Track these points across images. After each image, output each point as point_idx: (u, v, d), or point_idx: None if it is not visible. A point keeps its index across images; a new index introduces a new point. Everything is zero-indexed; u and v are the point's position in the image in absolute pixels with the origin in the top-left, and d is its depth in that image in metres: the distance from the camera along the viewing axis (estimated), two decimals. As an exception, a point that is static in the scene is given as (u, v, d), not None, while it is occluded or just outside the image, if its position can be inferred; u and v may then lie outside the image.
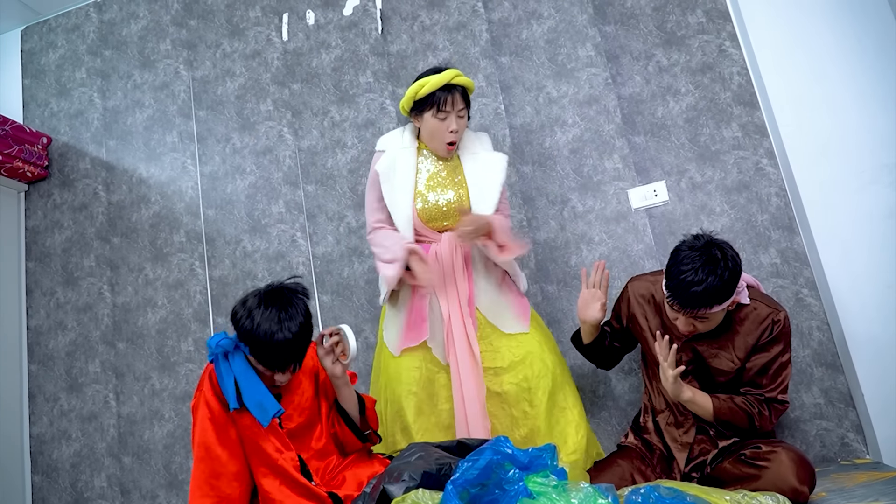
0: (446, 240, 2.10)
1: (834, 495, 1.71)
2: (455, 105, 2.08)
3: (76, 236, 3.23)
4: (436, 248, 2.10)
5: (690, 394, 1.82)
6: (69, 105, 3.41)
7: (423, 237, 2.14)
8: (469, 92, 2.15)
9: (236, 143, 3.09)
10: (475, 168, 2.16)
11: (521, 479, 1.33)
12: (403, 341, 2.10)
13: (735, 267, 1.72)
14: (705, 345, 1.86)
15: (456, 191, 2.14)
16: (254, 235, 2.97)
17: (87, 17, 3.49)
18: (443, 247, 2.10)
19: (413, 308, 2.11)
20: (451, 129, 2.08)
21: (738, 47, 2.59)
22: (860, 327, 2.21)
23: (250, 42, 3.18)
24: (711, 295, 1.69)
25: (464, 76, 2.12)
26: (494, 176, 2.14)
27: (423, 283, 2.03)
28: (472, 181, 2.14)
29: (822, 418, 2.26)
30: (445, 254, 2.09)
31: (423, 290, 2.10)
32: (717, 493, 1.50)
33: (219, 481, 1.63)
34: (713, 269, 1.68)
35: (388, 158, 2.17)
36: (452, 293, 2.07)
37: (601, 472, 1.88)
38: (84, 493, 2.90)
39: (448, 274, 2.08)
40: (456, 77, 2.08)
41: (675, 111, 2.62)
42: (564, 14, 2.80)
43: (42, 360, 3.13)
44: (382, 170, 2.16)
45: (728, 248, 1.75)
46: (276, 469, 1.64)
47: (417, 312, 2.10)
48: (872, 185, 2.27)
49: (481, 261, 2.15)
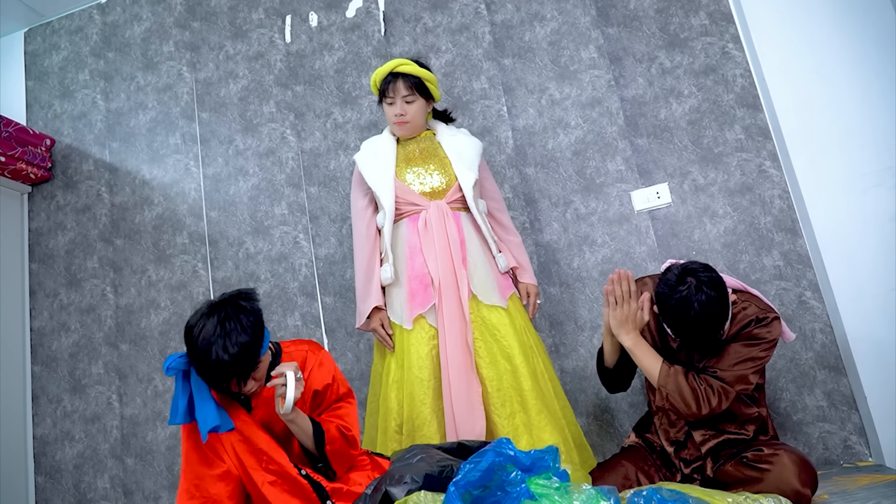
0: (434, 207, 2.16)
1: (836, 498, 1.71)
2: (398, 92, 2.21)
3: (79, 238, 3.23)
4: (425, 214, 2.16)
5: (632, 342, 1.81)
6: (72, 107, 3.42)
7: (410, 205, 2.19)
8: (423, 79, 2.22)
9: (239, 145, 3.10)
10: (454, 143, 2.28)
11: (524, 480, 1.34)
12: (411, 309, 2.11)
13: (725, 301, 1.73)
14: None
15: (438, 163, 2.24)
16: (256, 237, 2.98)
17: (90, 19, 3.50)
18: (431, 213, 2.16)
19: (413, 275, 2.14)
20: (396, 113, 2.23)
21: (741, 49, 2.59)
22: (863, 330, 2.21)
23: (253, 44, 3.18)
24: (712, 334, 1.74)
25: (409, 64, 2.21)
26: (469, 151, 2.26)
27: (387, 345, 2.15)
28: (452, 153, 2.25)
29: (824, 421, 2.26)
30: (435, 219, 2.14)
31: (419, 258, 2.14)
32: (719, 496, 1.50)
33: (203, 482, 1.64)
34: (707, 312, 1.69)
35: (367, 151, 2.31)
36: (444, 258, 2.10)
37: (604, 474, 1.88)
38: (87, 495, 2.91)
39: (439, 237, 2.12)
40: (397, 66, 2.21)
41: (677, 113, 2.62)
42: (567, 16, 2.80)
43: (45, 362, 3.13)
44: (361, 159, 2.29)
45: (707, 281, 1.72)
46: (268, 467, 1.64)
47: (420, 279, 2.12)
48: (875, 187, 2.27)
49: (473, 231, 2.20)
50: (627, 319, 1.82)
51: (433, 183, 2.21)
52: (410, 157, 2.26)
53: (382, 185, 2.20)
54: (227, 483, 1.65)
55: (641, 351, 1.82)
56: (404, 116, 2.23)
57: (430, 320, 2.09)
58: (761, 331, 1.76)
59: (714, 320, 1.70)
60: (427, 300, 2.10)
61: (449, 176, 2.22)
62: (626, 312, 1.82)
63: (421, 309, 2.09)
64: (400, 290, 2.16)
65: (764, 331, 1.76)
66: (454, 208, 2.19)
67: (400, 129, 2.27)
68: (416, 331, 2.09)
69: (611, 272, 2.54)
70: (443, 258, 2.10)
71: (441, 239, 2.12)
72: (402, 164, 2.24)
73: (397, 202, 2.18)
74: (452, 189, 2.20)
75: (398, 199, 2.18)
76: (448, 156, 2.25)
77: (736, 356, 1.75)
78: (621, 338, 1.83)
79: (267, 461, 1.64)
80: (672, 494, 1.38)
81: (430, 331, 2.08)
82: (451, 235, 2.12)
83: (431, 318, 2.09)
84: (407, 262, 2.16)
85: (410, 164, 2.24)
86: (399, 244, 2.19)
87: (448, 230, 2.13)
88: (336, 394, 1.81)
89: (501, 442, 1.39)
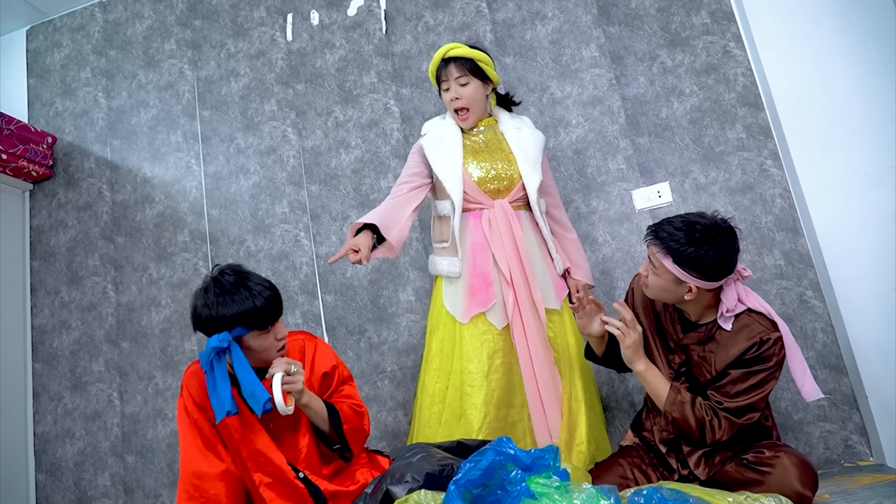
0: (499, 206, 2.14)
1: (837, 497, 1.71)
2: (451, 75, 2.18)
3: (80, 236, 3.23)
4: (488, 214, 2.14)
5: (644, 367, 1.81)
6: (74, 105, 3.43)
7: (474, 202, 2.17)
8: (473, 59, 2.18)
9: (240, 143, 3.10)
10: (518, 137, 2.23)
11: (524, 479, 1.33)
12: (470, 306, 2.10)
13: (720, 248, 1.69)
14: (695, 350, 1.84)
15: (504, 158, 2.20)
16: (257, 235, 2.98)
17: (92, 17, 3.50)
18: (496, 213, 2.14)
19: (476, 272, 2.13)
20: (452, 98, 2.19)
21: (742, 48, 2.58)
22: (864, 329, 2.21)
23: (255, 42, 3.18)
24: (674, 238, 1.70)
25: (459, 47, 2.19)
26: (533, 149, 2.22)
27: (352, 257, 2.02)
28: (517, 150, 2.21)
29: (825, 420, 2.26)
30: (501, 220, 2.13)
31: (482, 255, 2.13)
32: (719, 495, 1.50)
33: (202, 482, 1.64)
34: (700, 227, 1.70)
35: (434, 134, 2.26)
36: (514, 259, 2.09)
37: (603, 473, 1.88)
38: (87, 492, 2.91)
39: (507, 241, 2.11)
40: (448, 52, 2.19)
41: (679, 112, 2.62)
42: (569, 15, 2.80)
43: (46, 359, 3.14)
44: (428, 142, 2.24)
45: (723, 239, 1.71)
46: (265, 469, 1.65)
47: (483, 277, 2.12)
48: (876, 186, 2.27)
49: (532, 232, 2.20)
50: (638, 346, 1.81)
51: (499, 179, 2.17)
52: (476, 148, 2.22)
53: (451, 177, 2.15)
54: (226, 483, 1.65)
55: (651, 376, 1.82)
56: (460, 100, 2.18)
57: (491, 318, 2.08)
58: (767, 352, 1.71)
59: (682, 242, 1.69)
60: (489, 299, 2.09)
61: (514, 172, 2.18)
62: (635, 339, 1.81)
63: (481, 307, 2.09)
64: (460, 283, 2.15)
65: (769, 352, 1.71)
66: (515, 207, 2.18)
67: (463, 120, 2.22)
68: (471, 325, 2.09)
69: (612, 270, 2.54)
70: (513, 259, 2.09)
71: (508, 240, 2.11)
72: (469, 156, 2.20)
73: (464, 197, 2.15)
74: (517, 188, 2.18)
75: (465, 193, 2.15)
76: (513, 151, 2.20)
77: (742, 383, 1.72)
78: (635, 365, 1.81)
79: (265, 463, 1.64)
80: (672, 494, 1.38)
81: (489, 330, 2.08)
82: (517, 235, 2.11)
83: (492, 317, 2.09)
84: (469, 259, 2.14)
85: (476, 157, 2.20)
86: (461, 239, 2.17)
87: (514, 233, 2.12)
88: (341, 376, 1.84)
89: (501, 441, 1.39)
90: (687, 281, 1.71)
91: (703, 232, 1.69)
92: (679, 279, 1.72)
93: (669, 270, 1.72)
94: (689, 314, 1.85)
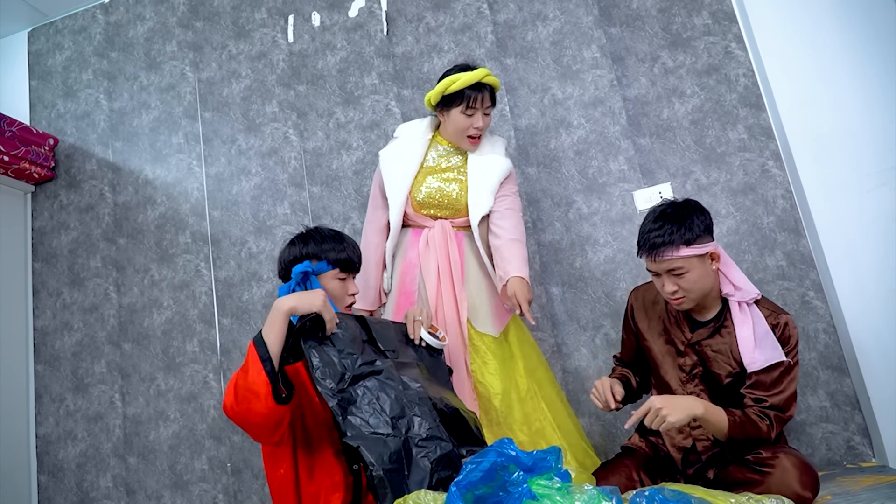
0: (439, 226, 2.13)
1: (839, 499, 1.71)
2: (483, 103, 2.12)
3: (82, 237, 3.24)
4: (427, 233, 2.14)
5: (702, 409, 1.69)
6: (76, 106, 3.43)
7: (413, 222, 2.18)
8: (495, 90, 2.17)
9: (242, 145, 3.10)
10: (477, 168, 2.17)
11: (526, 481, 1.33)
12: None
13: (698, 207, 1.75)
14: (707, 346, 1.84)
15: (458, 186, 2.16)
16: (259, 237, 2.98)
17: (93, 19, 3.50)
18: (435, 232, 2.13)
19: (402, 290, 2.13)
20: (476, 126, 2.12)
21: (744, 49, 2.58)
22: (866, 330, 2.20)
23: (256, 44, 3.19)
24: (672, 231, 1.70)
25: (493, 76, 2.14)
26: (492, 177, 2.15)
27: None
28: (473, 180, 2.15)
29: (827, 421, 2.25)
30: (438, 239, 2.12)
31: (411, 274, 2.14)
32: (721, 496, 1.49)
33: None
34: (673, 210, 1.74)
35: (396, 146, 2.24)
36: (446, 277, 2.08)
37: (606, 474, 1.87)
38: (90, 494, 2.91)
39: (441, 258, 2.10)
40: (487, 76, 2.11)
41: (680, 113, 2.62)
42: (570, 16, 2.80)
43: (48, 361, 3.14)
44: (385, 156, 2.22)
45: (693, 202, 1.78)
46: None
47: (408, 296, 2.12)
48: (879, 187, 2.27)
49: (473, 255, 2.16)
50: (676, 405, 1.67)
51: (441, 206, 2.15)
52: (435, 168, 2.19)
53: (395, 199, 2.14)
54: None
55: (711, 414, 1.71)
56: (480, 130, 2.14)
57: None
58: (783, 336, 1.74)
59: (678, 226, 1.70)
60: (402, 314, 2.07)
61: (461, 204, 2.15)
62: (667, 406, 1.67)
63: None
64: (390, 298, 2.17)
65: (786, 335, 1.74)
66: (456, 228, 2.16)
67: (472, 143, 2.16)
68: None
69: (613, 272, 2.54)
70: (444, 279, 2.08)
71: (443, 259, 2.10)
72: (424, 172, 2.17)
73: (406, 217, 2.16)
74: (461, 218, 2.16)
75: (407, 215, 2.16)
76: (469, 179, 2.15)
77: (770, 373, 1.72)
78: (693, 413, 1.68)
79: None
80: (674, 495, 1.37)
81: None
82: (453, 257, 2.10)
83: None
84: (399, 276, 2.15)
85: (431, 174, 2.17)
86: (397, 254, 2.18)
87: (450, 251, 2.10)
88: None
89: (503, 442, 1.39)
90: (706, 250, 1.72)
91: (671, 207, 1.76)
92: (701, 255, 1.72)
93: (691, 255, 1.71)
94: (695, 312, 1.85)
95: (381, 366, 1.59)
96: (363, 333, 1.70)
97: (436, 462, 1.42)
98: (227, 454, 2.80)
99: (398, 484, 1.36)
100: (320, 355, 1.53)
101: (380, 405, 1.50)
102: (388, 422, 1.47)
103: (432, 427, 1.49)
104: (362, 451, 1.39)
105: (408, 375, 1.64)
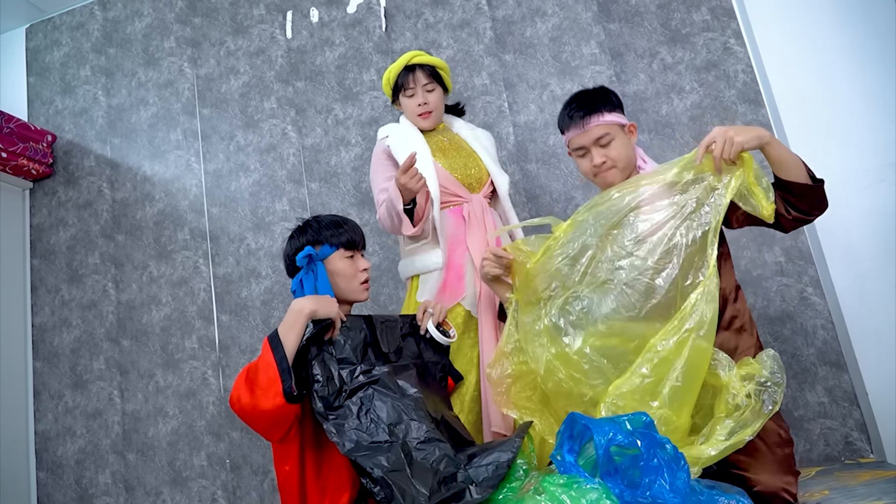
0: (476, 200, 2.14)
1: (837, 494, 1.71)
2: (418, 81, 2.18)
3: (81, 234, 3.24)
4: (468, 207, 2.13)
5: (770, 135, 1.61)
6: (74, 103, 3.42)
7: (452, 196, 2.15)
8: (437, 68, 2.20)
9: (240, 141, 3.10)
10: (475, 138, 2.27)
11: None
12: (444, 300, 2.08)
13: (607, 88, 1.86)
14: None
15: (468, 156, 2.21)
16: (258, 233, 2.98)
17: (91, 15, 3.50)
18: (474, 206, 2.13)
19: (451, 266, 2.11)
20: (419, 103, 2.19)
21: (743, 45, 2.58)
22: (865, 326, 2.21)
23: (254, 40, 3.18)
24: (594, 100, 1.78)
25: (423, 55, 2.18)
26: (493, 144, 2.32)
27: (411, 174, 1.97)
28: (480, 150, 2.24)
29: (826, 417, 2.26)
30: (478, 213, 2.12)
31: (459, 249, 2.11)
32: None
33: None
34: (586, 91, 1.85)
35: (397, 136, 2.23)
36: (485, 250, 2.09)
37: None
38: (88, 490, 2.92)
39: (479, 232, 2.11)
40: (413, 58, 2.18)
41: (679, 109, 2.62)
42: (569, 11, 2.79)
43: (47, 358, 3.14)
44: (393, 143, 2.20)
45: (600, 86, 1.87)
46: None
47: (457, 271, 2.10)
48: (877, 183, 2.27)
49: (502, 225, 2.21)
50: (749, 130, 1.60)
51: (470, 175, 2.17)
52: (443, 146, 2.21)
53: (425, 172, 2.09)
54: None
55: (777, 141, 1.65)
56: (427, 105, 2.19)
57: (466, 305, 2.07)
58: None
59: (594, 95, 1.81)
60: (458, 293, 2.07)
61: (482, 172, 2.18)
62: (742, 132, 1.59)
63: (452, 301, 2.06)
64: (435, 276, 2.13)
65: None
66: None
67: (424, 121, 2.22)
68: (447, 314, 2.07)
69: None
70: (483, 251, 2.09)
71: (482, 233, 2.10)
72: (437, 154, 2.19)
73: (441, 191, 2.12)
74: (486, 185, 2.18)
75: (442, 187, 2.12)
76: (476, 151, 2.22)
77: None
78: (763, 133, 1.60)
79: None
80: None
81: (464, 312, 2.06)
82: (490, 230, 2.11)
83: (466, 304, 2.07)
84: (447, 253, 2.12)
85: (445, 154, 2.19)
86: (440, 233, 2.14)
87: (487, 226, 2.11)
88: None
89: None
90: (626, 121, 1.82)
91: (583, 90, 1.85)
92: (622, 125, 1.81)
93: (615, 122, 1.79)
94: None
95: (378, 374, 1.60)
96: (368, 335, 1.70)
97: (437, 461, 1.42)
98: (226, 451, 2.80)
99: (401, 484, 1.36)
100: (322, 370, 1.55)
101: (376, 413, 1.51)
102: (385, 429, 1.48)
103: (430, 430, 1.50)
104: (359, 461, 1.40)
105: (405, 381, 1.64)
